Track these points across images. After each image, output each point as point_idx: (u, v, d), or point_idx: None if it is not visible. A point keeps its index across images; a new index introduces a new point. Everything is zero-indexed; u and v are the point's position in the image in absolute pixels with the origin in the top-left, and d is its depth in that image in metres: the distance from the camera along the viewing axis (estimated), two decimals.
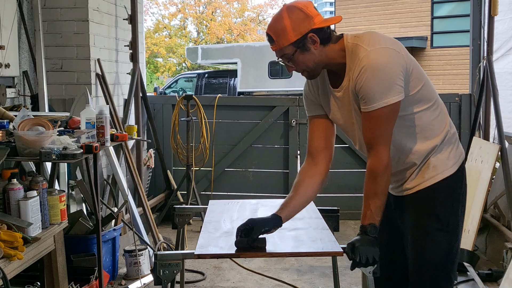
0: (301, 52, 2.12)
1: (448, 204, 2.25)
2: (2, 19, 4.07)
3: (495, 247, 4.57)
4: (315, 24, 2.09)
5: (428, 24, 18.36)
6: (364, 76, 2.06)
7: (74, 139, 3.15)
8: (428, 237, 2.24)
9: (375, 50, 2.07)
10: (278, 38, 2.11)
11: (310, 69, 2.18)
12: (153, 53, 28.92)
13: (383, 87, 2.05)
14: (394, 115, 2.10)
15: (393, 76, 2.05)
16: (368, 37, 2.12)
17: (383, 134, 2.10)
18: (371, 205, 2.12)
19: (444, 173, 2.24)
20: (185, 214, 2.98)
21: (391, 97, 2.06)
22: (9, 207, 2.81)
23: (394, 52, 2.09)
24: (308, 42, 2.10)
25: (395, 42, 2.15)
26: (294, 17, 2.09)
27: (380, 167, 2.11)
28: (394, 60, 2.07)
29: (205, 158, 5.61)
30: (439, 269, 2.25)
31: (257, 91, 13.47)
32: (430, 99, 2.22)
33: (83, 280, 3.53)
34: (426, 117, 2.21)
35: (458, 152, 2.30)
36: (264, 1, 32.65)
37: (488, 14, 5.14)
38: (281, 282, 4.11)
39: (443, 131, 2.25)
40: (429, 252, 2.24)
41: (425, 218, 2.26)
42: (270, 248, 2.25)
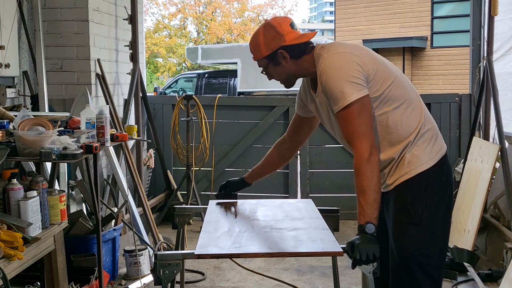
0: (273, 65, 2.37)
1: (421, 199, 2.29)
2: (2, 19, 4.07)
3: (495, 247, 4.57)
4: (286, 42, 2.32)
5: (428, 24, 18.36)
6: (323, 78, 2.24)
7: (74, 139, 3.15)
8: (401, 231, 2.31)
9: (330, 55, 2.26)
10: (254, 51, 2.39)
11: (283, 79, 2.43)
12: (153, 53, 28.92)
13: (340, 86, 2.18)
14: (364, 110, 2.19)
15: (347, 75, 2.19)
16: (329, 46, 2.32)
17: (357, 130, 2.18)
18: (362, 203, 2.16)
19: (418, 169, 2.29)
20: (185, 214, 2.98)
21: (352, 94, 2.17)
22: (9, 207, 2.81)
23: (349, 54, 2.24)
24: (279, 57, 2.34)
25: (357, 47, 2.31)
26: (267, 34, 2.34)
27: (360, 161, 2.17)
28: (347, 61, 2.22)
29: (205, 158, 5.61)
30: (412, 263, 2.29)
31: (257, 91, 13.46)
32: (399, 98, 2.29)
33: (83, 280, 3.53)
34: (396, 116, 2.29)
35: (436, 148, 2.34)
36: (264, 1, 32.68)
37: (488, 14, 5.14)
38: (281, 282, 4.11)
39: (416, 128, 2.31)
40: (401, 246, 2.30)
41: (400, 213, 2.32)
42: (270, 248, 2.25)
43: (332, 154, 5.98)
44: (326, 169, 6.03)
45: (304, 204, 2.97)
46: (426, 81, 18.26)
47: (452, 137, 5.85)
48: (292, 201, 3.10)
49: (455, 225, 4.96)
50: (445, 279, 4.13)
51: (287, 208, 2.89)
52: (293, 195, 6.04)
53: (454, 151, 5.85)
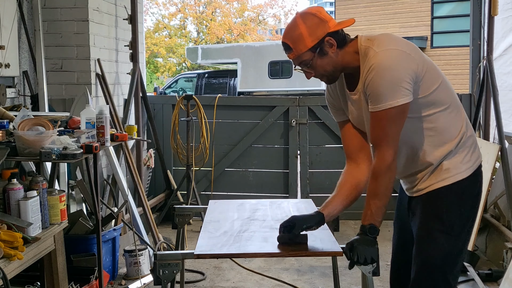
0: (320, 56, 2.14)
1: (455, 208, 2.23)
2: (2, 19, 4.07)
3: (495, 247, 4.57)
4: (330, 28, 2.12)
5: (428, 24, 18.36)
6: (371, 75, 2.07)
7: (74, 139, 3.15)
8: (430, 238, 2.23)
9: (384, 51, 2.08)
10: (295, 45, 2.13)
11: (328, 73, 2.21)
12: (153, 53, 28.91)
13: (389, 88, 2.04)
14: (401, 117, 2.09)
15: (400, 78, 2.04)
16: (380, 39, 2.13)
17: (388, 135, 2.10)
18: (372, 206, 2.13)
19: (456, 177, 2.22)
20: (185, 214, 2.98)
21: (397, 99, 2.04)
22: (9, 207, 2.81)
23: (404, 54, 2.08)
24: (326, 46, 2.13)
25: (408, 44, 2.14)
26: (309, 23, 2.11)
27: (382, 167, 2.12)
28: (403, 62, 2.06)
29: (205, 158, 5.61)
30: (436, 271, 2.24)
31: (257, 91, 13.47)
32: (445, 101, 2.20)
33: (83, 280, 3.52)
34: (441, 120, 2.20)
35: (474, 156, 2.27)
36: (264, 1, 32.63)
37: (488, 14, 5.14)
38: (281, 282, 4.11)
39: (458, 134, 2.23)
40: (429, 253, 2.24)
41: (430, 219, 2.25)
42: (270, 248, 2.25)
43: (332, 154, 5.98)
44: (326, 169, 6.03)
45: (304, 204, 2.97)
46: None
47: None
48: (292, 201, 3.10)
49: None
50: None
51: (287, 208, 2.89)
52: (293, 195, 6.04)
53: None
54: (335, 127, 5.81)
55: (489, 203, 4.82)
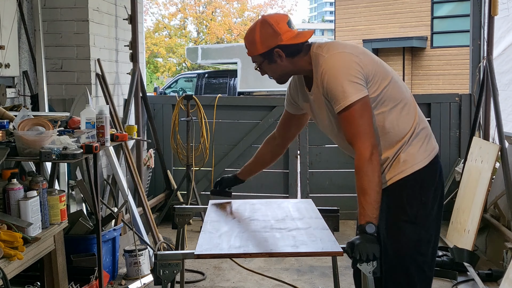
0: (268, 63, 2.35)
1: (416, 197, 2.32)
2: (2, 19, 4.07)
3: (495, 247, 4.57)
4: (282, 41, 2.29)
5: (428, 24, 18.36)
6: (325, 79, 2.23)
7: (74, 139, 3.15)
8: (397, 229, 2.32)
9: (331, 55, 2.25)
10: (249, 47, 2.36)
11: (277, 75, 2.41)
12: (153, 53, 28.91)
13: (344, 86, 2.18)
14: (366, 110, 2.20)
15: (350, 74, 2.19)
16: (328, 46, 2.30)
17: (359, 130, 2.19)
18: (363, 203, 2.17)
19: (414, 167, 2.32)
20: (185, 214, 2.98)
21: (354, 94, 2.17)
22: (9, 207, 2.81)
23: (351, 55, 2.24)
24: (275, 55, 2.32)
25: (355, 47, 2.30)
26: (263, 32, 2.31)
27: (361, 162, 2.18)
28: (348, 61, 2.22)
29: (205, 158, 5.61)
30: (407, 261, 2.31)
31: (257, 91, 13.46)
32: (396, 98, 2.32)
33: (83, 280, 3.53)
34: (393, 116, 2.31)
35: (429, 147, 2.37)
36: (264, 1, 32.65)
37: (488, 14, 5.14)
38: (281, 282, 4.11)
39: (411, 128, 2.33)
40: (397, 244, 2.31)
41: (394, 211, 2.33)
42: (270, 248, 2.25)
43: (332, 154, 5.98)
44: (326, 169, 6.03)
45: (304, 204, 2.96)
46: (426, 81, 18.26)
47: (452, 137, 5.85)
48: (292, 201, 3.10)
49: (455, 225, 4.96)
50: (445, 279, 4.13)
51: (287, 208, 2.89)
52: (293, 195, 6.04)
53: (454, 151, 5.85)
54: None
55: (489, 203, 4.83)
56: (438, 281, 4.14)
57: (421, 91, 17.63)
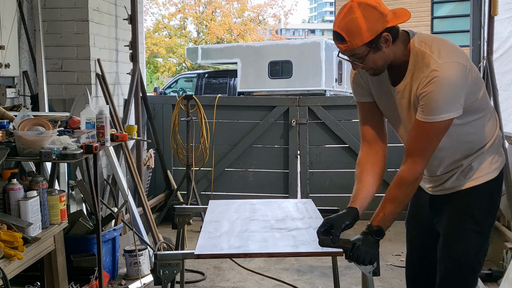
0: (374, 52, 2.06)
1: (486, 207, 2.26)
2: (2, 19, 4.07)
3: (495, 247, 4.57)
4: (388, 22, 2.03)
5: (428, 24, 18.26)
6: (433, 86, 2.01)
7: (74, 139, 3.15)
8: (462, 237, 2.25)
9: (447, 63, 2.02)
10: (351, 38, 2.02)
11: (377, 67, 2.13)
12: (153, 53, 28.91)
13: (447, 103, 2.01)
14: (445, 131, 2.08)
15: (459, 94, 2.03)
16: (438, 47, 2.07)
17: (427, 148, 2.10)
18: (386, 209, 2.14)
19: (486, 177, 2.25)
20: (185, 214, 2.98)
21: (450, 113, 2.03)
22: (9, 207, 2.81)
23: (465, 68, 2.04)
24: (381, 41, 2.04)
25: (464, 55, 2.10)
26: (368, 16, 2.00)
27: (410, 177, 2.12)
28: (464, 78, 2.03)
29: (205, 158, 5.61)
30: (468, 269, 2.27)
31: (257, 91, 13.46)
32: (483, 108, 2.22)
33: (83, 280, 3.53)
34: (480, 125, 2.22)
35: (501, 158, 2.31)
36: (264, 1, 32.64)
37: (488, 14, 5.14)
38: (281, 282, 4.11)
39: (492, 137, 2.27)
40: (461, 252, 2.25)
41: (461, 218, 2.26)
42: (270, 248, 2.25)
43: (332, 154, 5.98)
44: (326, 169, 6.03)
45: (304, 204, 2.97)
46: None
47: None
48: (292, 201, 3.10)
49: None
50: None
51: (287, 208, 2.89)
52: (293, 195, 6.04)
53: None
54: (335, 127, 5.81)
55: None
56: None
57: None
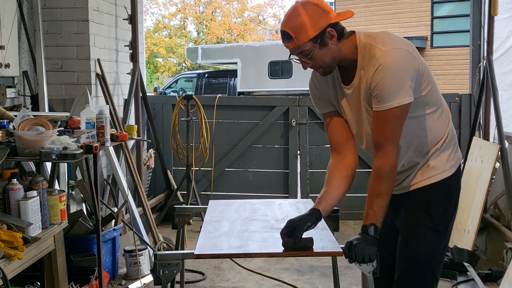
0: (320, 47, 2.11)
1: (442, 204, 2.30)
2: (2, 19, 4.07)
3: (495, 247, 4.57)
4: (332, 19, 2.10)
5: (428, 24, 18.35)
6: (380, 74, 2.07)
7: (74, 139, 3.15)
8: (418, 233, 2.29)
9: (390, 50, 2.08)
10: (297, 34, 2.08)
11: (326, 64, 2.17)
12: (153, 53, 28.91)
13: (397, 87, 2.06)
14: (404, 116, 2.12)
15: (406, 77, 2.07)
16: (383, 37, 2.14)
17: (393, 135, 2.13)
18: (374, 205, 2.14)
19: (443, 174, 2.29)
20: (185, 214, 2.98)
21: (403, 98, 2.07)
22: (9, 207, 2.81)
23: (408, 53, 2.10)
24: (327, 37, 2.10)
25: (408, 44, 2.16)
26: (311, 12, 2.08)
27: (387, 167, 2.14)
28: (408, 61, 2.08)
29: (205, 158, 5.61)
30: (425, 266, 2.30)
31: (257, 91, 13.47)
32: (436, 102, 2.25)
33: (83, 280, 3.53)
34: (432, 120, 2.24)
35: (457, 155, 2.35)
36: (264, 1, 32.64)
37: (488, 14, 5.14)
38: (281, 282, 4.11)
39: (445, 133, 2.29)
40: (417, 248, 2.29)
41: (418, 215, 2.30)
42: (270, 248, 2.25)
43: None
44: (326, 169, 5.99)
45: (304, 204, 2.97)
46: None
47: None
48: (292, 201, 3.10)
49: (455, 225, 4.93)
50: (445, 279, 4.13)
51: (287, 208, 2.89)
52: (293, 195, 6.03)
53: None
54: None
55: (489, 203, 4.82)
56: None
57: None
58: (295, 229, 2.16)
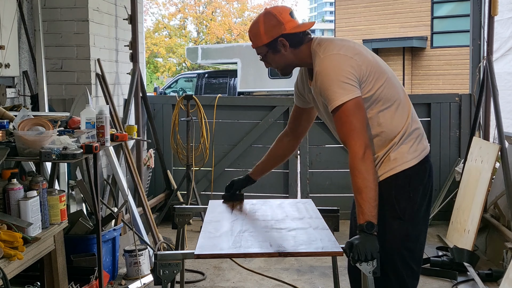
0: (273, 53, 2.41)
1: (404, 194, 2.36)
2: (2, 19, 4.07)
3: (495, 247, 4.57)
4: (286, 30, 2.36)
5: (428, 24, 18.35)
6: (318, 80, 2.30)
7: (74, 139, 3.15)
8: (385, 224, 2.34)
9: (325, 57, 2.30)
10: (254, 39, 2.43)
11: (281, 67, 2.47)
12: (153, 53, 28.91)
13: (335, 86, 2.23)
14: (358, 109, 2.23)
15: (342, 75, 2.23)
16: (326, 45, 2.35)
17: (351, 129, 2.23)
18: (360, 202, 2.19)
19: (403, 165, 2.36)
20: (185, 214, 2.98)
21: (344, 95, 2.22)
22: (9, 207, 2.81)
23: (343, 56, 2.28)
24: (279, 45, 2.38)
25: (350, 48, 2.33)
26: (267, 22, 2.38)
27: (355, 161, 2.21)
28: (341, 63, 2.26)
29: (205, 158, 5.61)
30: (395, 256, 2.35)
31: (257, 91, 13.46)
32: (390, 99, 2.35)
33: (83, 280, 3.53)
34: (386, 116, 2.35)
35: (420, 147, 2.41)
36: (264, 1, 32.65)
37: (488, 14, 5.14)
38: (281, 282, 4.11)
39: (403, 128, 2.37)
40: (384, 239, 2.32)
41: (383, 207, 2.32)
42: (270, 248, 2.25)
43: (332, 154, 5.98)
44: (326, 169, 6.03)
45: (304, 204, 2.96)
46: (426, 81, 18.26)
47: (452, 137, 5.85)
48: (292, 201, 3.09)
49: (455, 225, 4.96)
50: (445, 279, 4.13)
51: (287, 208, 2.89)
52: (293, 195, 6.04)
53: (454, 151, 5.85)
54: None
55: (489, 203, 4.83)
56: (438, 281, 4.14)
57: (421, 91, 17.63)
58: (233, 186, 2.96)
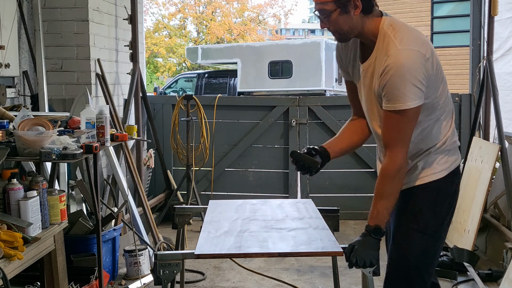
0: (340, 13, 2.11)
1: (429, 207, 2.25)
2: (2, 19, 4.07)
3: (495, 247, 4.57)
4: None
5: (428, 24, 18.33)
6: (388, 75, 2.06)
7: (74, 139, 3.15)
8: (405, 236, 2.27)
9: (403, 50, 2.05)
10: None
11: (343, 32, 2.17)
12: (153, 53, 28.90)
13: (407, 89, 2.04)
14: (414, 119, 2.10)
15: (415, 80, 2.04)
16: (401, 33, 2.10)
17: (402, 137, 2.11)
18: (378, 206, 2.13)
19: (432, 177, 2.25)
20: (185, 214, 2.98)
21: (414, 101, 2.05)
22: (9, 207, 2.81)
23: (422, 56, 2.06)
24: (350, 5, 2.10)
25: (425, 44, 2.12)
26: None
27: (393, 169, 2.12)
28: (418, 64, 2.05)
29: (205, 158, 5.61)
30: (411, 268, 2.26)
31: (257, 91, 13.45)
32: (443, 107, 2.22)
33: (83, 280, 3.53)
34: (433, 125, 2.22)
35: (451, 159, 2.29)
36: (264, 1, 32.62)
37: (488, 14, 5.14)
38: (281, 282, 4.11)
39: (442, 139, 2.25)
40: (403, 250, 2.26)
41: (405, 217, 2.28)
42: (270, 248, 2.25)
43: None
44: (326, 169, 5.97)
45: (304, 204, 2.97)
46: None
47: None
48: (292, 201, 3.10)
49: (455, 225, 4.96)
50: (445, 279, 4.13)
51: (287, 208, 2.89)
52: (293, 195, 6.03)
53: None
54: (335, 127, 5.81)
55: (489, 203, 4.82)
56: (438, 281, 4.13)
57: None
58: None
